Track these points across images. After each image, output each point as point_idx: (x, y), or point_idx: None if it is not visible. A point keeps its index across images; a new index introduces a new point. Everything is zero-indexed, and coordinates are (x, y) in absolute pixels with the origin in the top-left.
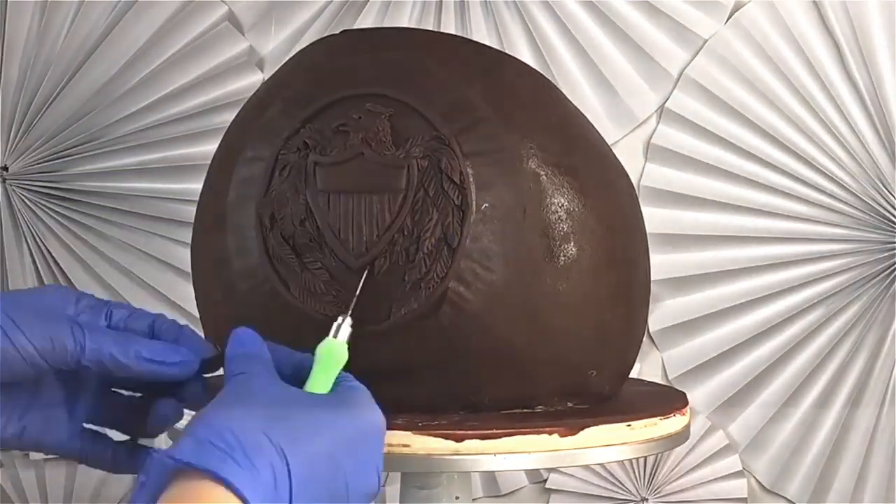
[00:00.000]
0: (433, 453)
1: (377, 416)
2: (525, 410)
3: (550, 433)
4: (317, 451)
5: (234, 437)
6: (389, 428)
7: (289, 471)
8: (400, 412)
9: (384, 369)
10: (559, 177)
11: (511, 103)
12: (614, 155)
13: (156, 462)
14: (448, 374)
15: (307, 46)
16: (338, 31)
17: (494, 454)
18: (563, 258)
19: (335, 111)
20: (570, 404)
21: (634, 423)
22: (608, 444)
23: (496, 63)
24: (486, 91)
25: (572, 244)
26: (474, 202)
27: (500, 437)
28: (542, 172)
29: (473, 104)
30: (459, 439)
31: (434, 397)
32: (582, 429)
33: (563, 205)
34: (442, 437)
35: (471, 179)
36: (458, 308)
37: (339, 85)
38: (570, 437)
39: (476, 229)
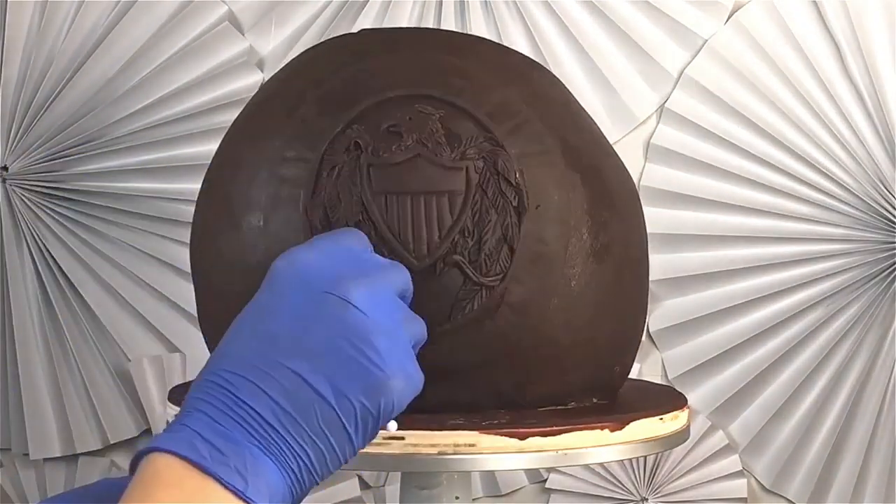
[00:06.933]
0: (500, 451)
1: None
2: (559, 407)
3: (602, 428)
4: None
5: None
6: (450, 428)
7: None
8: (438, 412)
9: (438, 370)
10: (591, 178)
11: (544, 106)
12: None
13: None
14: (494, 374)
15: (325, 42)
16: (338, 32)
17: (556, 451)
18: (602, 258)
19: (382, 112)
20: (595, 400)
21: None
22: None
23: (524, 66)
24: (522, 93)
25: (608, 244)
26: (529, 203)
27: (559, 434)
28: (577, 173)
29: (516, 106)
30: (523, 437)
31: (478, 397)
32: (628, 423)
33: (598, 206)
34: (507, 436)
35: (525, 180)
36: (514, 308)
37: (382, 85)
38: (618, 432)
39: (531, 229)
